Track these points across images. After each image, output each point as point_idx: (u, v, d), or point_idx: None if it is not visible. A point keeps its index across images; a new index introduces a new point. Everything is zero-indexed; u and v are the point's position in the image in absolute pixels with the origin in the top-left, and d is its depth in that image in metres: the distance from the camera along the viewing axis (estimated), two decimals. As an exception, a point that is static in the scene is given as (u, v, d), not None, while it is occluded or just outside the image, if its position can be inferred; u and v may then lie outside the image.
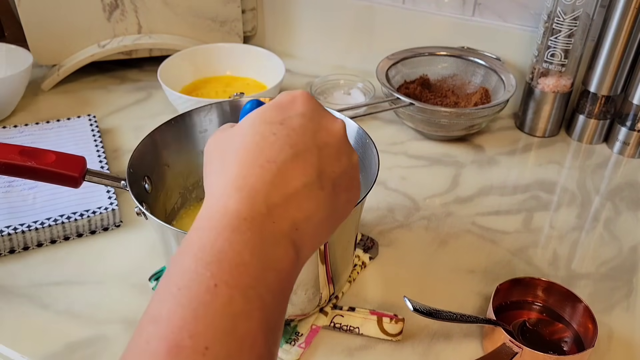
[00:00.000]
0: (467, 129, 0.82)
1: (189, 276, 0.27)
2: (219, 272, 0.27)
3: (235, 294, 0.27)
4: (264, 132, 0.32)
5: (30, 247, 0.64)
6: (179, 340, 0.25)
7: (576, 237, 0.68)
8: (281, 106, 0.34)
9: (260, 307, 0.27)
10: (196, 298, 0.26)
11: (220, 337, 0.25)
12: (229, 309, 0.26)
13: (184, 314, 0.26)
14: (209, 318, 0.26)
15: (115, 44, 0.92)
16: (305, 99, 0.35)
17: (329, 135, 0.34)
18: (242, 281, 0.27)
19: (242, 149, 0.32)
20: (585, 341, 0.53)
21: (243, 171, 0.31)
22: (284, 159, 0.31)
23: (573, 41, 0.78)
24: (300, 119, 0.33)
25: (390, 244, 0.66)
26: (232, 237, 0.28)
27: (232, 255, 0.28)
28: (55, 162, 0.51)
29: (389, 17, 0.94)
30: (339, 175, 0.34)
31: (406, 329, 0.55)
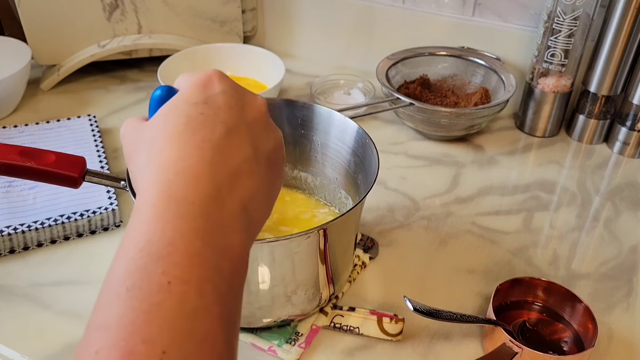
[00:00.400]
0: (467, 129, 0.82)
1: (138, 275, 0.25)
2: (170, 267, 0.25)
3: (190, 290, 0.25)
4: (191, 113, 0.30)
5: (30, 247, 0.64)
6: (132, 346, 0.23)
7: (576, 237, 0.68)
8: (199, 85, 0.32)
9: (217, 301, 0.25)
10: (148, 299, 0.24)
11: (177, 339, 0.23)
12: (185, 307, 0.24)
13: (135, 318, 0.23)
14: (163, 320, 0.23)
15: (115, 44, 0.92)
16: (221, 76, 0.33)
17: (255, 111, 0.33)
18: (196, 274, 0.25)
19: (172, 133, 0.30)
20: (585, 341, 0.53)
21: (180, 154, 0.29)
22: (218, 136, 0.30)
23: (573, 41, 0.78)
24: (223, 97, 0.32)
25: (390, 244, 0.66)
26: (181, 226, 0.26)
27: (184, 246, 0.26)
28: (55, 162, 0.51)
29: (389, 17, 0.94)
30: (270, 150, 0.33)
31: (406, 329, 0.55)
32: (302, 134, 0.63)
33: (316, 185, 0.66)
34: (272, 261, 0.49)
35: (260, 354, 0.54)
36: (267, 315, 0.54)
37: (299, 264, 0.51)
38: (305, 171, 0.66)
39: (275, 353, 0.53)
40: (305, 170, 0.66)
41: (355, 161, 0.60)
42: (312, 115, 0.62)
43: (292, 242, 0.48)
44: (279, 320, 0.54)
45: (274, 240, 0.48)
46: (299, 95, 0.94)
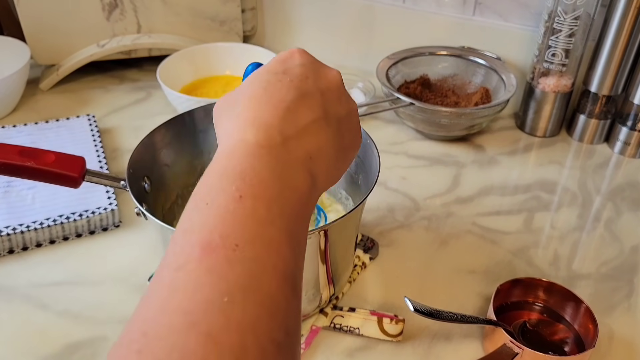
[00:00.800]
0: (467, 129, 0.82)
1: (215, 192, 0.29)
2: (243, 186, 0.29)
3: (259, 204, 0.29)
4: (270, 80, 0.35)
5: (29, 247, 0.64)
6: (210, 240, 0.27)
7: (577, 237, 0.68)
8: (281, 60, 0.37)
9: (282, 217, 0.29)
10: (224, 207, 0.28)
11: (248, 238, 0.27)
12: (254, 215, 0.28)
13: (213, 221, 0.28)
14: (236, 222, 0.28)
15: (115, 44, 0.92)
16: (302, 52, 0.37)
17: (329, 82, 0.37)
18: (265, 194, 0.29)
19: (251, 96, 0.34)
20: (585, 342, 0.53)
21: (256, 113, 0.33)
22: (292, 98, 0.34)
23: (574, 41, 0.78)
24: (300, 68, 0.36)
25: (391, 244, 0.66)
26: (252, 161, 0.31)
27: (254, 175, 0.30)
28: (55, 162, 0.51)
29: (389, 17, 0.94)
30: (343, 116, 0.37)
31: (406, 329, 0.55)
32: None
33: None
34: (272, 262, 0.49)
35: (260, 354, 0.53)
36: (267, 316, 0.53)
37: (299, 264, 0.50)
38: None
39: (275, 354, 0.53)
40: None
41: (356, 161, 0.59)
42: (312, 115, 0.61)
43: (292, 242, 0.48)
44: (279, 321, 0.54)
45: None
46: (299, 95, 0.94)
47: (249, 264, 0.26)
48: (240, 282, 0.26)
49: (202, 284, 0.25)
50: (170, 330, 0.24)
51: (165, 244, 0.53)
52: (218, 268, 0.26)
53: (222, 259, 0.26)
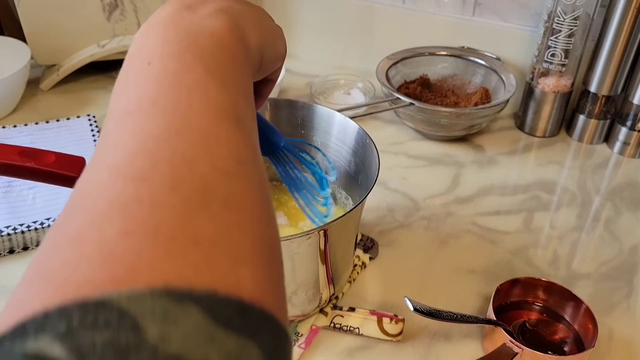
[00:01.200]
0: (467, 129, 0.82)
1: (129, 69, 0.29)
2: (147, 54, 0.28)
3: (169, 61, 0.27)
4: None
5: (30, 247, 0.64)
6: (126, 108, 0.26)
7: (576, 237, 0.68)
8: None
9: (201, 62, 0.28)
10: (134, 80, 0.28)
11: (165, 90, 0.26)
12: (167, 71, 0.27)
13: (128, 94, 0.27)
14: (149, 85, 0.26)
15: (115, 44, 0.92)
16: None
17: None
18: (172, 50, 0.28)
19: None
20: (585, 341, 0.53)
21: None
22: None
23: (573, 41, 0.78)
24: None
25: (390, 244, 0.66)
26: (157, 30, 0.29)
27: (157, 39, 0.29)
28: (55, 162, 0.51)
29: (389, 17, 0.94)
30: None
31: (406, 329, 0.55)
32: (302, 134, 0.63)
33: (316, 186, 0.66)
34: (272, 261, 0.49)
35: (260, 354, 0.53)
36: (267, 316, 0.54)
37: (300, 264, 0.51)
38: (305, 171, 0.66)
39: (276, 353, 0.53)
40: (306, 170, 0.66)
41: (356, 161, 0.59)
42: (313, 115, 0.62)
43: (292, 242, 0.48)
44: (279, 321, 0.54)
45: (274, 240, 0.47)
46: (299, 95, 0.94)
47: (171, 111, 0.25)
48: (164, 128, 0.24)
49: (124, 143, 0.24)
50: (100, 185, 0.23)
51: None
52: (138, 124, 0.25)
53: (141, 116, 0.25)
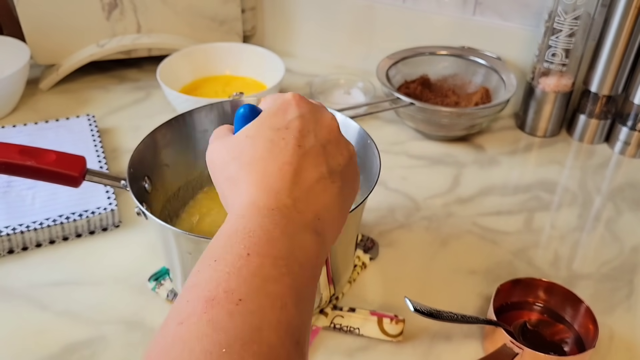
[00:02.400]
0: (467, 129, 0.82)
1: (224, 250, 0.30)
2: (250, 244, 0.30)
3: (266, 261, 0.29)
4: (274, 139, 0.36)
5: (29, 247, 0.64)
6: (214, 294, 0.28)
7: (577, 237, 0.68)
8: (280, 111, 0.37)
9: (289, 275, 0.30)
10: (230, 265, 0.29)
11: (252, 293, 0.28)
12: (261, 272, 0.29)
13: (219, 277, 0.29)
14: (242, 279, 0.28)
15: (114, 44, 0.92)
16: (299, 100, 0.38)
17: (329, 132, 0.38)
18: (272, 252, 0.30)
19: (258, 157, 0.35)
20: (586, 342, 0.53)
21: (265, 176, 0.34)
22: (297, 160, 0.35)
23: (574, 41, 0.78)
24: (300, 121, 0.37)
25: (391, 245, 0.66)
26: (263, 221, 0.32)
27: (263, 233, 0.31)
28: (56, 161, 0.51)
29: (390, 17, 0.94)
30: (343, 167, 0.38)
31: (406, 329, 0.55)
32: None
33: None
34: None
35: (260, 355, 0.53)
36: (267, 316, 0.53)
37: (299, 264, 0.50)
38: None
39: (275, 354, 0.53)
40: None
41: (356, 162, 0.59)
42: (313, 115, 0.61)
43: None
44: (279, 321, 0.54)
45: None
46: (299, 95, 0.93)
47: (250, 317, 0.27)
48: (239, 334, 0.26)
49: (202, 335, 0.26)
50: None
51: (164, 244, 0.53)
52: (219, 320, 0.26)
53: (224, 311, 0.27)
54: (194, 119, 0.61)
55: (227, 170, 0.37)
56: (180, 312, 0.28)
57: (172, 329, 0.27)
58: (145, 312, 0.57)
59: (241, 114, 0.40)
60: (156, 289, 0.59)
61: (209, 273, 0.29)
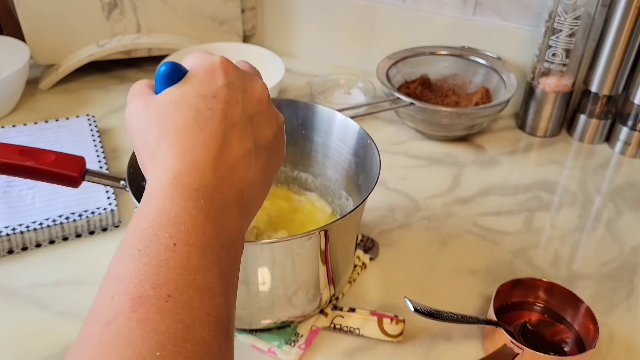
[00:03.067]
0: (468, 129, 0.82)
1: (148, 238, 0.29)
2: (177, 233, 0.29)
3: (193, 251, 0.28)
4: (200, 107, 0.34)
5: (28, 247, 0.64)
6: (142, 291, 0.26)
7: (577, 237, 0.68)
8: (207, 77, 0.35)
9: (217, 262, 0.29)
10: (156, 256, 0.28)
11: (180, 287, 0.27)
12: (188, 263, 0.28)
13: (146, 270, 0.27)
14: (170, 272, 0.27)
15: (114, 44, 0.92)
16: (227, 65, 0.36)
17: (257, 103, 0.36)
18: (199, 240, 0.29)
19: (182, 127, 0.33)
20: (586, 342, 0.53)
21: (187, 148, 0.32)
22: (222, 133, 0.33)
23: (574, 41, 0.78)
24: (228, 90, 0.35)
25: (391, 245, 0.66)
26: (186, 205, 0.30)
27: (189, 219, 0.29)
28: (55, 161, 0.50)
29: (390, 17, 0.94)
30: (270, 140, 0.36)
31: (407, 329, 0.55)
32: (302, 135, 0.63)
33: (317, 186, 0.66)
34: (272, 262, 0.49)
35: (260, 355, 0.53)
36: (268, 317, 0.53)
37: (300, 265, 0.50)
38: (305, 172, 0.66)
39: (275, 354, 0.53)
40: (306, 170, 0.66)
41: (357, 162, 0.59)
42: (313, 115, 0.61)
43: (293, 243, 0.48)
44: (279, 322, 0.54)
45: (274, 241, 0.47)
46: (299, 95, 0.94)
47: (182, 314, 0.26)
48: (172, 333, 0.25)
49: (133, 338, 0.24)
50: None
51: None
52: (149, 320, 0.25)
53: (154, 310, 0.25)
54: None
55: (146, 137, 0.34)
56: (107, 310, 0.26)
57: (98, 329, 0.25)
58: (145, 313, 0.57)
59: (162, 72, 0.36)
60: (156, 289, 0.59)
61: (134, 265, 0.28)
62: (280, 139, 0.38)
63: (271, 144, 0.36)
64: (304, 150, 0.64)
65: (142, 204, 0.32)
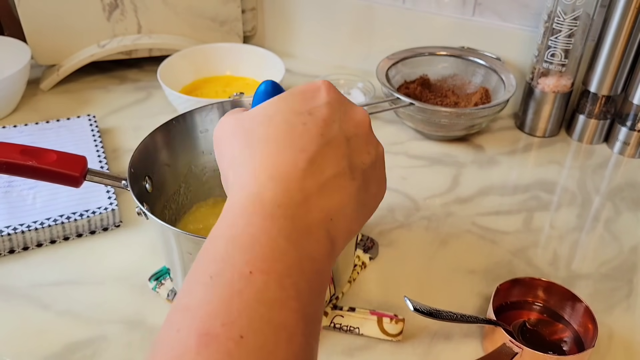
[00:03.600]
0: (467, 129, 0.82)
1: (222, 264, 0.26)
2: (252, 258, 0.26)
3: (271, 281, 0.25)
4: (293, 121, 0.31)
5: (30, 247, 0.64)
6: (210, 328, 0.23)
7: (576, 237, 0.68)
8: (306, 94, 0.33)
9: (297, 297, 0.26)
10: (229, 285, 0.25)
11: (255, 325, 0.24)
12: (265, 296, 0.25)
13: (217, 302, 0.24)
14: (243, 305, 0.24)
15: (115, 44, 0.92)
16: (329, 88, 0.34)
17: (356, 126, 0.34)
18: (278, 268, 0.26)
19: (271, 138, 0.30)
20: (585, 341, 0.53)
21: (275, 160, 0.29)
22: (315, 148, 0.30)
23: (573, 41, 0.78)
24: (327, 109, 0.32)
25: (391, 244, 0.66)
26: (266, 224, 0.27)
27: (267, 242, 0.27)
28: (57, 161, 0.51)
29: (389, 17, 0.94)
30: (368, 166, 0.33)
31: (406, 329, 0.55)
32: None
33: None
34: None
35: (261, 354, 0.53)
36: (268, 316, 0.54)
37: (300, 264, 0.50)
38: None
39: (276, 353, 0.53)
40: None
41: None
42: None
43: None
44: (279, 321, 0.54)
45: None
46: (299, 95, 0.94)
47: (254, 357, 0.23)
48: None
49: None
50: None
51: (165, 244, 0.53)
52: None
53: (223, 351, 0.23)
54: (195, 119, 0.61)
55: (231, 146, 0.32)
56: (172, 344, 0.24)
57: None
58: (146, 312, 0.57)
59: (262, 90, 0.34)
60: (157, 288, 0.59)
61: (204, 294, 0.25)
62: (380, 170, 0.35)
63: (369, 169, 0.33)
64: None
65: (220, 220, 0.29)
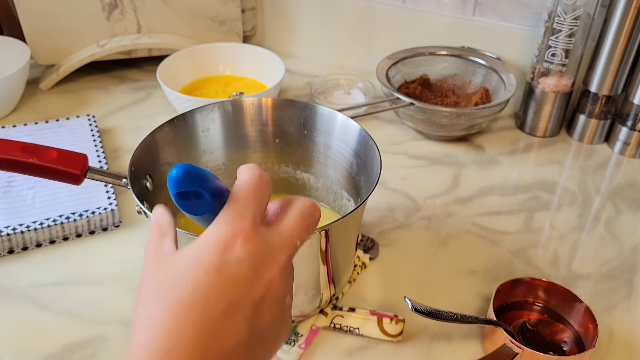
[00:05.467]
0: (467, 129, 0.82)
1: None
2: None
3: None
4: (198, 281, 0.30)
5: (29, 247, 0.64)
6: None
7: (577, 237, 0.68)
8: (220, 246, 0.31)
9: None
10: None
11: None
12: None
13: None
14: None
15: (115, 44, 0.92)
16: (247, 239, 0.32)
17: (266, 286, 0.32)
18: None
19: (174, 302, 0.30)
20: (585, 342, 0.53)
21: (174, 330, 0.29)
22: (216, 316, 0.30)
23: (574, 41, 0.78)
24: (237, 267, 0.31)
25: (391, 245, 0.66)
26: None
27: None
28: (57, 158, 0.50)
29: (389, 17, 0.94)
30: (269, 325, 0.32)
31: (406, 329, 0.55)
32: (304, 135, 0.63)
33: (318, 187, 0.66)
34: (272, 262, 0.49)
35: (261, 354, 0.53)
36: (268, 316, 0.53)
37: (300, 265, 0.50)
38: (307, 172, 0.66)
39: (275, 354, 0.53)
40: (308, 171, 0.66)
41: (357, 162, 0.59)
42: (315, 116, 0.62)
43: (292, 242, 0.48)
44: (279, 321, 0.54)
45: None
46: (299, 95, 0.94)
47: None
48: None
49: None
50: None
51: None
52: None
53: None
54: (196, 118, 0.61)
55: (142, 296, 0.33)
56: None
57: None
58: (145, 312, 0.57)
59: (172, 176, 0.33)
60: (156, 288, 0.59)
61: None
62: (281, 324, 0.34)
63: (269, 329, 0.32)
64: (306, 151, 0.64)
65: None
